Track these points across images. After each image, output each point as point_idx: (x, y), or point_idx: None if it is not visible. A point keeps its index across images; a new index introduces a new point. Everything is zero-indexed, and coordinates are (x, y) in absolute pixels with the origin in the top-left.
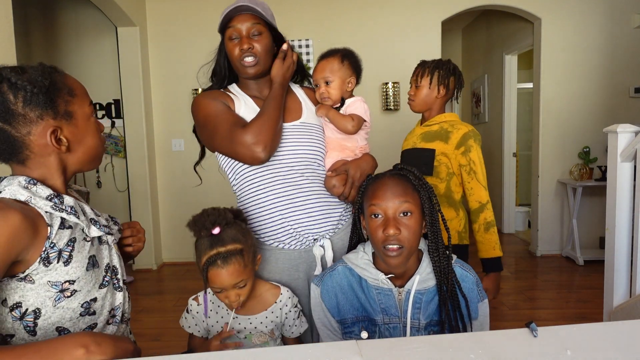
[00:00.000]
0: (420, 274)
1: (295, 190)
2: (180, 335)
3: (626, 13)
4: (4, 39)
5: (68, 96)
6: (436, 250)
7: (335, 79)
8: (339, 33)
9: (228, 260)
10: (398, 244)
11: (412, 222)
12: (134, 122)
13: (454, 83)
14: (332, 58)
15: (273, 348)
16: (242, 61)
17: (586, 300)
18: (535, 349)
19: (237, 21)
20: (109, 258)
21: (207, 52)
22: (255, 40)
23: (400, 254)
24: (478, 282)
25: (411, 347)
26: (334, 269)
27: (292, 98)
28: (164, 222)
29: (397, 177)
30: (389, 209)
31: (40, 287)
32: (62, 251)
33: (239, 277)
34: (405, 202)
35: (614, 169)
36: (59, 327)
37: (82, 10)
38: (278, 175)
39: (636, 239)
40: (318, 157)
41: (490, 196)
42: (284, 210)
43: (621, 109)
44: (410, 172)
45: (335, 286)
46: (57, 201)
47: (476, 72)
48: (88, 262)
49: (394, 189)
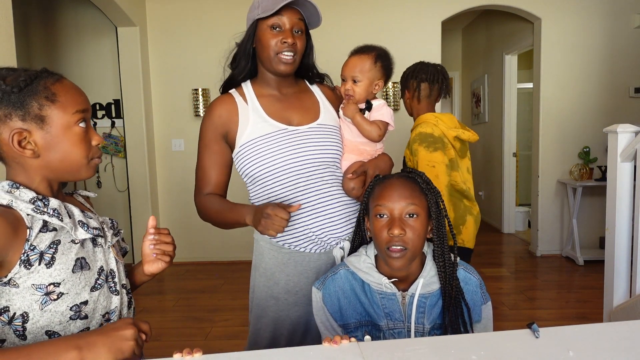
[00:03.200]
0: (424, 277)
1: (316, 197)
2: (180, 335)
3: (626, 13)
4: (4, 39)
5: (45, 100)
6: (441, 255)
7: (363, 79)
8: (338, 33)
9: None
10: (402, 245)
11: (418, 224)
12: (134, 122)
13: (415, 85)
14: (365, 56)
15: (273, 349)
16: (281, 55)
17: (586, 300)
18: (537, 349)
19: (284, 13)
20: (103, 261)
21: (207, 52)
22: (297, 37)
23: (403, 255)
24: (482, 285)
25: (413, 348)
26: (335, 272)
27: (309, 97)
28: (164, 222)
29: (405, 179)
30: (395, 209)
31: (25, 290)
32: (43, 253)
33: None
34: (412, 204)
35: (614, 169)
36: (48, 331)
37: (82, 10)
38: (298, 181)
39: (636, 239)
40: (337, 159)
41: (491, 196)
42: (306, 219)
43: (621, 109)
44: (419, 175)
45: (338, 290)
46: (39, 204)
47: (476, 72)
48: (75, 264)
49: (401, 191)
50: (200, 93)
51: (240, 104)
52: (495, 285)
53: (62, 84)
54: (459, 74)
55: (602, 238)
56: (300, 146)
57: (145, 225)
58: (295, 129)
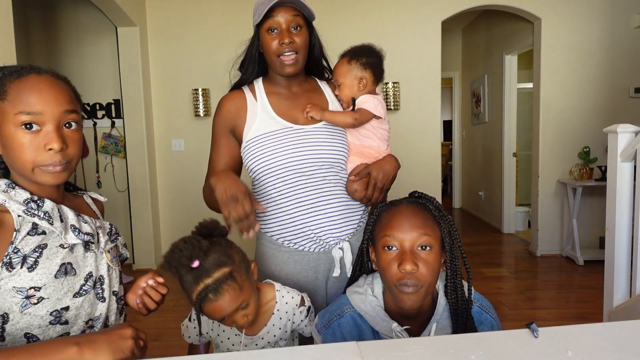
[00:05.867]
0: (437, 321)
1: (317, 196)
2: (180, 335)
3: (626, 13)
4: (4, 39)
5: None
6: (454, 291)
7: (344, 81)
8: (338, 33)
9: (219, 289)
10: (415, 282)
11: (432, 257)
12: (134, 122)
13: None
14: (340, 61)
15: (273, 350)
16: (282, 57)
17: (586, 300)
18: (536, 349)
19: (277, 13)
20: (94, 266)
21: (207, 52)
22: (295, 34)
23: (415, 291)
24: (495, 324)
25: (412, 348)
26: (341, 315)
27: (319, 97)
28: (164, 222)
29: (416, 206)
30: (405, 240)
31: (5, 292)
32: (27, 257)
33: (238, 301)
34: (425, 234)
35: (614, 169)
36: (27, 333)
37: (82, 10)
38: (300, 179)
39: (636, 239)
40: (341, 160)
41: (491, 196)
42: (305, 216)
43: (621, 109)
44: (430, 201)
45: (346, 335)
46: (32, 205)
47: (476, 72)
48: (59, 269)
49: (412, 220)
50: (200, 93)
51: (250, 100)
52: (495, 285)
53: (24, 81)
54: (459, 74)
55: (602, 238)
56: (304, 145)
57: (145, 226)
58: (301, 128)
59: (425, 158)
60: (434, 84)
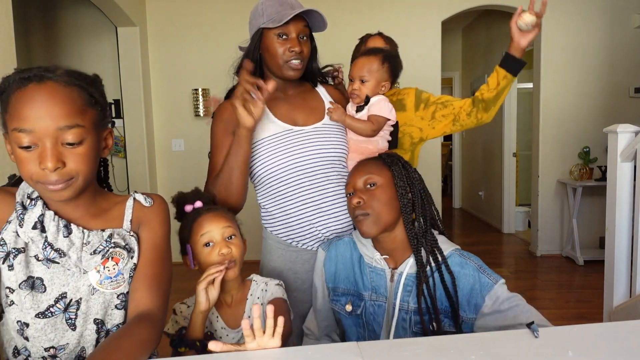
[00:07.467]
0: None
1: (322, 196)
2: None
3: (626, 13)
4: (4, 39)
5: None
6: (410, 223)
7: (371, 79)
8: (338, 33)
9: (213, 209)
10: (363, 212)
11: (378, 192)
12: (134, 122)
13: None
14: (373, 57)
15: (273, 350)
16: (290, 62)
17: (586, 300)
18: (536, 349)
19: (291, 21)
20: (71, 287)
21: (207, 52)
22: (303, 44)
23: (365, 219)
24: (482, 267)
25: (412, 348)
26: (341, 238)
27: (315, 98)
28: None
29: (369, 159)
30: (357, 182)
31: None
32: (9, 254)
33: (226, 222)
34: (369, 174)
35: (614, 169)
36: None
37: (82, 10)
38: (303, 180)
39: (636, 239)
40: (342, 158)
41: (491, 196)
42: (311, 218)
43: (621, 109)
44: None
45: (338, 255)
46: (26, 201)
47: (476, 72)
48: (25, 280)
49: (360, 168)
50: (200, 93)
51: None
52: None
53: (22, 93)
54: (459, 74)
55: (602, 238)
56: (305, 145)
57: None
58: (301, 129)
59: (425, 158)
60: (434, 84)
